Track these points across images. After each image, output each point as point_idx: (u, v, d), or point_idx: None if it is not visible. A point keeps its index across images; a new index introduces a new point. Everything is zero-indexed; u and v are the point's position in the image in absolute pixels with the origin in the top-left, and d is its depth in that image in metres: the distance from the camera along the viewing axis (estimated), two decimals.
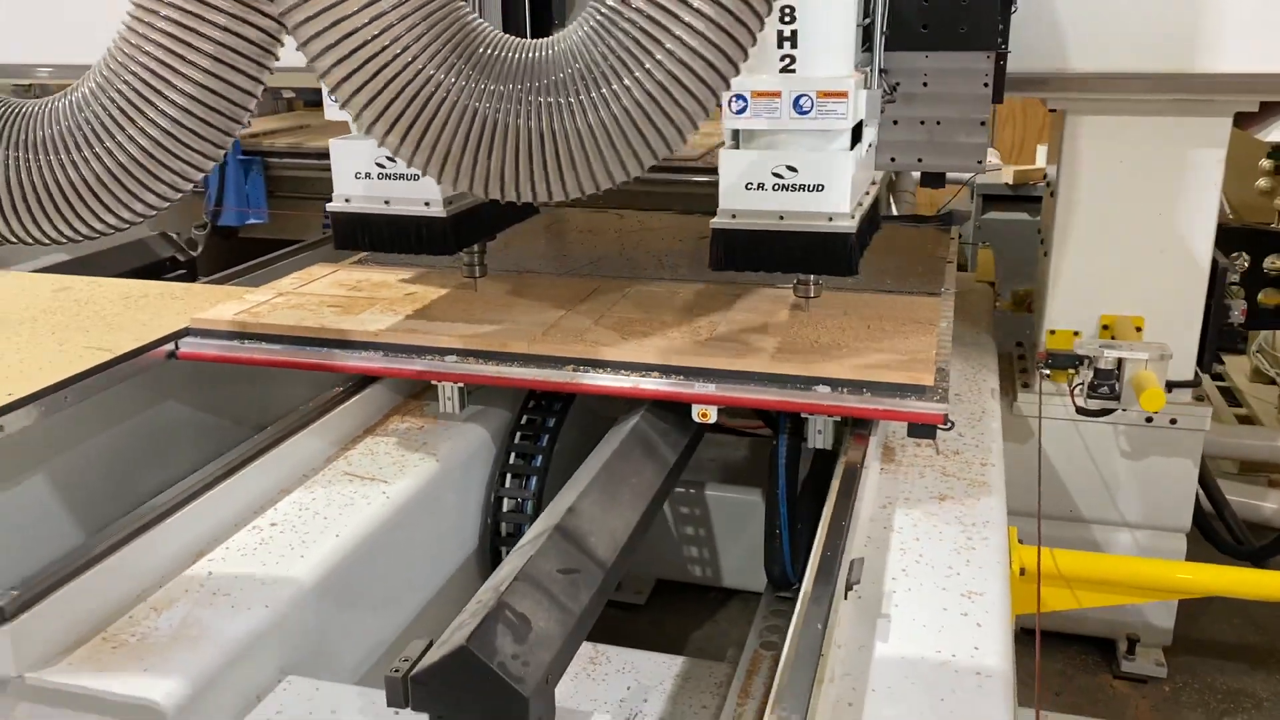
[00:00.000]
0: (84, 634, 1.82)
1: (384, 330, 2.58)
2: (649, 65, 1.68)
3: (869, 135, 2.42)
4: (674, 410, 2.57)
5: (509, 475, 2.74)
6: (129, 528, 1.96)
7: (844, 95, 2.16)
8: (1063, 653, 3.47)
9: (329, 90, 1.73)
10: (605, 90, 1.70)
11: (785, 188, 2.27)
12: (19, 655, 1.70)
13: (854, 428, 2.47)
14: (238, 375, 2.90)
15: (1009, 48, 2.55)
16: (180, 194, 1.85)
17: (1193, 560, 3.11)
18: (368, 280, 3.04)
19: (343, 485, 2.37)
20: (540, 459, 2.75)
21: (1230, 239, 3.36)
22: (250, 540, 2.15)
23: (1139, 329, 3.11)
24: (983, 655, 1.82)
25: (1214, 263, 3.08)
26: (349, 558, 2.13)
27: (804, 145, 2.24)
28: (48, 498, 2.54)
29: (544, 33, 2.75)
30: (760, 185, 2.27)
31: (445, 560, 2.56)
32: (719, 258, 2.32)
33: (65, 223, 1.81)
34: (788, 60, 2.19)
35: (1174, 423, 3.17)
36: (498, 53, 1.74)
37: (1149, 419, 3.16)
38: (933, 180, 2.69)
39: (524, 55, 1.75)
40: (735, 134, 2.28)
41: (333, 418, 2.56)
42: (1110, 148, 3.04)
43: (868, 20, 2.36)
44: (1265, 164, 4.52)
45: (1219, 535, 3.50)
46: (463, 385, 2.60)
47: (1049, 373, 3.10)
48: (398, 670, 1.68)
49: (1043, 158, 5.90)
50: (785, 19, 2.13)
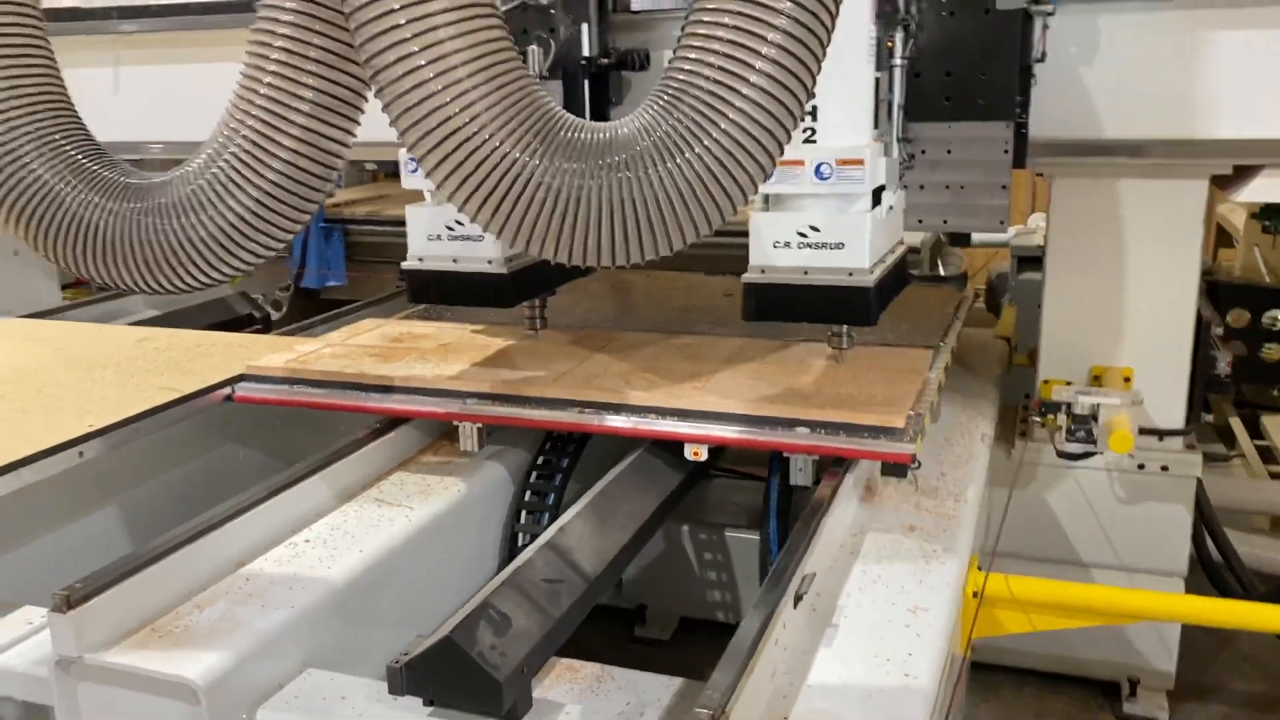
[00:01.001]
0: (136, 624, 2.11)
1: (412, 376, 2.88)
2: (716, 134, 1.82)
3: (889, 199, 2.65)
4: (670, 449, 2.82)
5: (524, 511, 2.99)
6: (180, 537, 2.27)
7: (860, 163, 2.43)
8: (1065, 694, 3.57)
9: (426, 173, 1.87)
10: (679, 159, 1.85)
11: (809, 245, 2.52)
12: (80, 638, 2.00)
13: (833, 466, 2.69)
14: (289, 421, 3.23)
15: (1027, 117, 2.80)
16: (273, 252, 2.07)
17: None
18: (409, 333, 3.37)
19: (371, 509, 2.65)
20: (553, 496, 3.00)
21: (1228, 295, 3.51)
22: (286, 553, 2.44)
23: (1127, 379, 3.27)
24: (915, 660, 2.01)
25: (1199, 316, 3.23)
26: (370, 570, 2.40)
27: (826, 207, 2.50)
28: (115, 526, 2.88)
29: (603, 112, 3.12)
30: (786, 243, 2.53)
31: (463, 585, 2.82)
32: (750, 309, 2.58)
33: (177, 276, 2.06)
34: (809, 132, 2.47)
35: (1165, 469, 3.30)
36: (574, 135, 1.90)
37: (1140, 466, 3.30)
38: (959, 240, 2.93)
39: (598, 136, 1.91)
40: (766, 198, 2.55)
41: (367, 452, 2.84)
42: (1094, 208, 3.23)
43: (890, 96, 2.63)
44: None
45: (1227, 584, 3.59)
46: (481, 425, 2.89)
47: (1041, 420, 3.27)
48: (398, 662, 1.97)
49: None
50: None
